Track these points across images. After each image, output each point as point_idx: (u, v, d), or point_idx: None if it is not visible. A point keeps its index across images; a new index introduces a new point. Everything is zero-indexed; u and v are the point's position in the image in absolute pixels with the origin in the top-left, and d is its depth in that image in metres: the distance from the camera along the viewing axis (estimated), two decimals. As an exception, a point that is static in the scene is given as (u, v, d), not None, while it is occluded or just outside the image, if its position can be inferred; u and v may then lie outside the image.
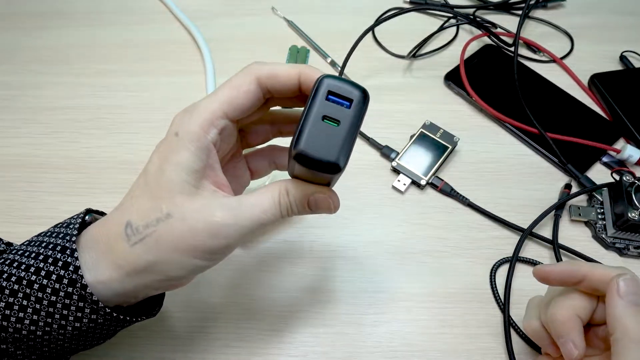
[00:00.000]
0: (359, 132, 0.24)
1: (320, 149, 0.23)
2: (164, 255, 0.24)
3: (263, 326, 0.37)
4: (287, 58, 0.53)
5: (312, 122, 0.23)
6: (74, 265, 0.24)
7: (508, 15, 0.57)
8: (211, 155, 0.25)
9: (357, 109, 0.23)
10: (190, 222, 0.24)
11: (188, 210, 0.24)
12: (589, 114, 0.48)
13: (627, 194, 0.39)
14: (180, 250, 0.24)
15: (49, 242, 0.25)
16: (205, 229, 0.24)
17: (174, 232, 0.24)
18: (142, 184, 0.25)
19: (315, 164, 0.23)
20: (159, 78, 0.52)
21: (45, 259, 0.24)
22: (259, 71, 0.25)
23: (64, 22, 0.57)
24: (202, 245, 0.24)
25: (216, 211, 0.24)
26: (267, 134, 0.30)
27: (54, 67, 0.53)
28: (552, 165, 0.45)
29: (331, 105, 0.23)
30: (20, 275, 0.24)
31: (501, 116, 0.47)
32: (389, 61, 0.53)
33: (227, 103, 0.25)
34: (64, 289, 0.24)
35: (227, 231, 0.24)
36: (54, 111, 0.49)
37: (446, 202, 0.43)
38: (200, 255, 0.24)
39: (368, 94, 0.24)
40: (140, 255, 0.24)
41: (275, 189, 0.25)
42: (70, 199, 0.43)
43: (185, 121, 0.25)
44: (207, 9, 0.58)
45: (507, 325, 0.37)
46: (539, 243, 0.41)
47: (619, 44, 0.53)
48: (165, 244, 0.24)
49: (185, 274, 0.25)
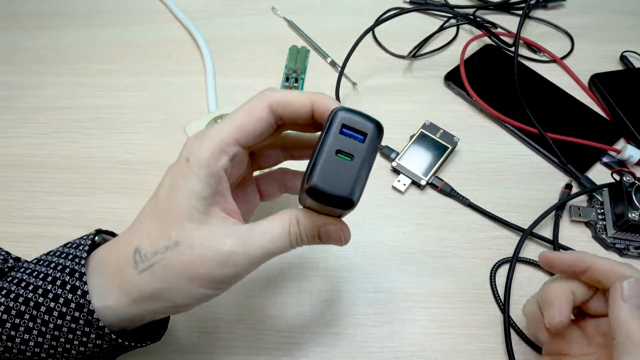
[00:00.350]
0: (372, 165, 0.24)
1: (334, 184, 0.23)
2: (172, 284, 0.24)
3: (263, 326, 0.37)
4: (287, 58, 0.53)
5: (326, 157, 0.23)
6: (82, 289, 0.24)
7: (508, 15, 0.57)
8: (221, 182, 0.25)
9: (371, 143, 0.23)
10: (199, 250, 0.23)
11: (197, 238, 0.24)
12: (589, 114, 0.48)
13: (627, 195, 0.39)
14: (188, 278, 0.24)
15: (57, 263, 0.25)
16: (214, 258, 0.23)
17: (183, 260, 0.24)
18: (152, 208, 0.25)
19: (328, 199, 0.23)
20: (159, 78, 0.52)
21: (54, 281, 0.24)
22: (271, 98, 0.25)
23: (64, 22, 0.57)
24: (211, 274, 0.24)
25: (225, 239, 0.24)
26: (278, 157, 0.30)
27: (54, 67, 0.53)
28: (552, 165, 0.45)
29: (345, 139, 0.23)
30: (28, 296, 0.24)
31: (501, 116, 0.47)
32: (389, 61, 0.53)
33: (239, 129, 0.24)
34: (71, 313, 0.24)
35: (236, 260, 0.24)
36: (54, 111, 0.49)
37: (446, 202, 0.43)
38: (207, 284, 0.24)
39: (382, 128, 0.24)
40: (147, 283, 0.24)
41: (286, 218, 0.25)
42: (70, 199, 0.43)
43: (196, 147, 0.24)
44: (207, 9, 0.58)
45: (507, 325, 0.37)
46: (539, 243, 0.41)
47: (620, 44, 0.53)
48: (173, 272, 0.24)
49: (192, 302, 0.25)
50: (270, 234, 0.24)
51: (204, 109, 0.49)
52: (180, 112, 0.49)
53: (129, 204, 0.43)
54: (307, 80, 0.51)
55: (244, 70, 0.52)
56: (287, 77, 0.51)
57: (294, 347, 0.36)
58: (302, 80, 0.51)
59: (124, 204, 0.43)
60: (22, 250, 0.41)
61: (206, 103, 0.49)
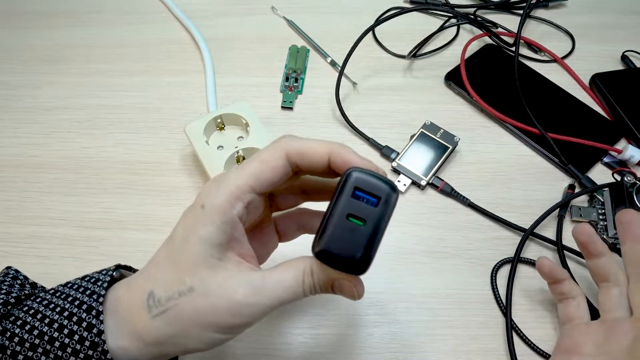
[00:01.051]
0: (385, 230, 0.23)
1: (343, 249, 0.22)
2: (184, 330, 0.24)
3: (262, 326, 0.37)
4: (287, 58, 0.53)
5: (337, 221, 0.22)
6: (98, 328, 0.24)
7: (509, 14, 0.57)
8: (237, 229, 0.25)
9: (384, 208, 0.22)
10: (212, 298, 0.24)
11: (211, 285, 0.24)
12: (590, 114, 0.48)
13: (628, 195, 0.39)
14: (200, 325, 0.24)
15: (75, 298, 0.25)
16: (227, 307, 0.24)
17: (196, 307, 0.24)
18: (167, 252, 0.25)
19: (338, 264, 0.23)
20: (159, 78, 0.52)
21: (70, 317, 0.24)
22: (288, 147, 0.25)
23: (64, 22, 0.57)
24: (223, 322, 0.24)
25: (239, 288, 0.24)
26: (297, 199, 0.30)
27: (53, 67, 0.53)
28: (553, 165, 0.45)
29: (357, 202, 0.22)
30: (43, 330, 0.24)
31: (502, 116, 0.46)
32: (389, 61, 0.53)
33: (255, 177, 0.24)
34: (84, 351, 0.23)
35: (249, 310, 0.24)
36: (53, 111, 0.49)
37: (446, 202, 0.43)
38: (219, 331, 0.24)
39: (397, 191, 0.23)
40: (160, 329, 0.24)
41: (300, 267, 0.25)
42: (69, 199, 0.43)
43: (212, 194, 0.24)
44: (207, 9, 0.58)
45: (509, 327, 0.36)
46: (540, 244, 0.41)
47: (621, 43, 0.53)
48: (186, 318, 0.24)
49: (204, 347, 0.25)
50: (284, 284, 0.24)
51: (204, 109, 0.49)
52: (180, 112, 0.49)
53: (128, 204, 0.43)
54: (307, 80, 0.51)
55: (243, 69, 0.52)
56: (287, 77, 0.51)
57: (294, 347, 0.36)
58: (302, 80, 0.51)
59: (123, 204, 0.43)
60: (22, 250, 0.41)
61: (206, 103, 0.49)
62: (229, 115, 0.43)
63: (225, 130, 0.44)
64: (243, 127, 0.44)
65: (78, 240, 0.41)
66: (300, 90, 0.50)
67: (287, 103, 0.49)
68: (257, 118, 0.43)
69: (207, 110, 0.49)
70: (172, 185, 0.44)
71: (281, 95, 0.50)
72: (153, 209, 0.43)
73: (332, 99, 0.48)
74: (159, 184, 0.44)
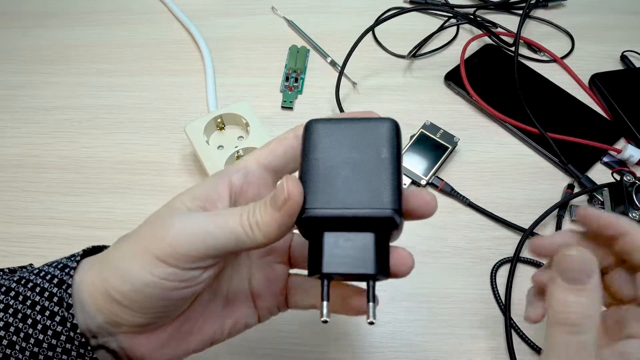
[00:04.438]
0: None
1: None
2: (123, 259, 0.22)
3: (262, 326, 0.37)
4: (287, 58, 0.53)
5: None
6: (67, 302, 0.22)
7: (508, 14, 0.57)
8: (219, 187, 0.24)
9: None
10: (154, 224, 0.23)
11: (160, 217, 0.23)
12: (590, 114, 0.48)
13: (627, 194, 0.39)
14: (138, 254, 0.22)
15: (47, 272, 0.24)
16: (163, 231, 0.22)
17: (140, 233, 0.23)
18: None
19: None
20: (159, 78, 0.52)
21: (42, 292, 0.23)
22: (297, 127, 0.25)
23: (63, 21, 0.57)
24: (156, 249, 0.22)
25: (181, 216, 0.22)
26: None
27: (53, 67, 0.53)
28: (553, 165, 0.45)
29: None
30: (18, 307, 0.23)
31: (501, 116, 0.47)
32: (389, 61, 0.53)
33: (262, 149, 0.25)
34: (54, 327, 0.22)
35: (186, 236, 0.22)
36: (53, 111, 0.49)
37: (446, 202, 0.43)
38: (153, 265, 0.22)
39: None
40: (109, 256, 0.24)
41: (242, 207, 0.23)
42: (69, 198, 0.43)
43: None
44: (207, 9, 0.58)
45: (509, 326, 0.36)
46: (539, 243, 0.41)
47: (620, 43, 0.53)
48: (129, 245, 0.23)
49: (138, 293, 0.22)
50: (223, 215, 0.22)
51: (204, 109, 0.49)
52: (180, 112, 0.49)
53: (128, 203, 0.43)
54: (307, 80, 0.51)
55: (243, 69, 0.52)
56: (287, 77, 0.51)
57: (293, 347, 0.36)
58: (302, 80, 0.51)
59: (123, 204, 0.43)
60: (22, 250, 0.41)
61: (206, 103, 0.49)
62: (229, 115, 0.43)
63: (226, 130, 0.44)
64: (243, 127, 0.44)
65: (78, 240, 0.41)
66: (300, 90, 0.50)
67: (287, 103, 0.49)
68: (257, 118, 0.43)
69: (207, 110, 0.49)
70: (172, 185, 0.44)
71: (281, 95, 0.50)
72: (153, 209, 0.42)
73: (332, 99, 0.48)
74: (159, 184, 0.44)
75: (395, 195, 0.20)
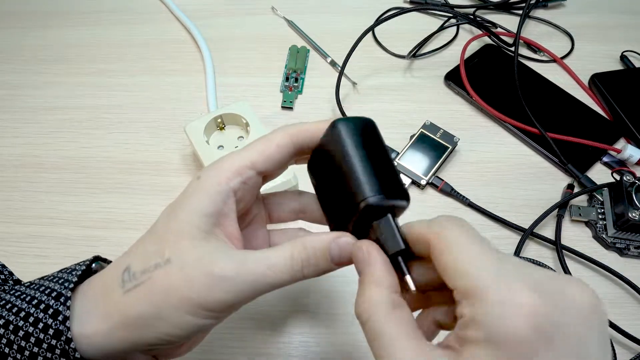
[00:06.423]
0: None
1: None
2: (156, 306, 0.21)
3: (262, 326, 0.37)
4: (287, 58, 0.53)
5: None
6: (64, 314, 0.21)
7: (508, 15, 0.57)
8: (228, 203, 0.23)
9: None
10: (187, 270, 0.21)
11: (189, 257, 0.22)
12: (590, 114, 0.48)
13: (627, 194, 0.39)
14: (173, 302, 0.21)
15: (47, 287, 0.23)
16: (203, 281, 0.21)
17: (170, 280, 0.21)
18: (153, 226, 0.24)
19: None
20: (159, 78, 0.52)
21: (38, 305, 0.22)
22: (290, 127, 0.25)
23: (63, 21, 0.57)
24: (197, 298, 0.21)
25: (218, 261, 0.21)
26: (292, 215, 0.29)
27: (53, 67, 0.53)
28: (553, 165, 0.45)
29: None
30: (9, 319, 0.22)
31: (501, 116, 0.47)
32: (389, 61, 0.53)
33: (259, 153, 0.24)
34: (48, 341, 0.21)
35: (227, 286, 0.21)
36: (53, 111, 0.49)
37: (446, 202, 0.43)
38: (194, 311, 0.21)
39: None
40: (132, 305, 0.22)
41: (289, 245, 0.23)
42: (69, 198, 0.43)
43: (210, 167, 0.24)
44: (207, 9, 0.58)
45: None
46: (539, 243, 0.41)
47: (620, 43, 0.53)
48: (159, 293, 0.21)
49: (178, 334, 0.22)
50: (269, 260, 0.22)
51: (204, 109, 0.49)
52: (180, 112, 0.49)
53: (128, 203, 0.43)
54: (307, 80, 0.51)
55: (244, 69, 0.52)
56: (287, 77, 0.51)
57: (293, 347, 0.36)
58: (302, 80, 0.51)
59: (123, 204, 0.43)
60: (22, 250, 0.41)
61: (206, 103, 0.49)
62: (229, 115, 0.43)
63: (226, 130, 0.44)
64: (243, 127, 0.44)
65: (78, 240, 0.41)
66: (300, 90, 0.51)
67: (287, 103, 0.49)
68: (257, 118, 0.43)
69: (207, 110, 0.49)
70: (172, 185, 0.44)
71: (281, 95, 0.50)
72: (153, 209, 0.43)
73: (332, 98, 0.48)
74: (159, 183, 0.44)
75: (400, 182, 0.24)
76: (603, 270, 0.39)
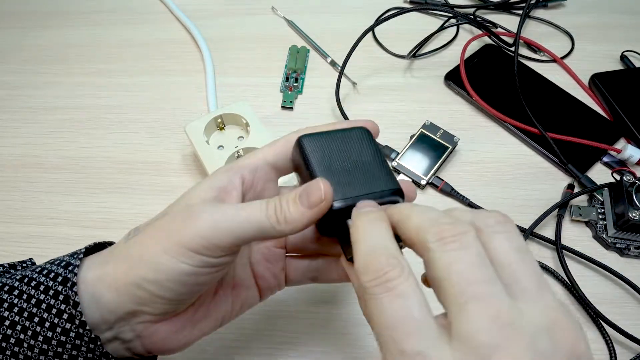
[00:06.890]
0: None
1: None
2: (152, 251, 0.23)
3: (263, 326, 0.37)
4: (287, 58, 0.53)
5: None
6: (74, 300, 0.23)
7: (508, 15, 0.57)
8: (234, 181, 0.26)
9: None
10: (180, 216, 0.24)
11: (179, 207, 0.24)
12: (590, 114, 0.48)
13: (627, 194, 0.39)
14: (167, 245, 0.23)
15: (50, 270, 0.24)
16: (192, 224, 0.23)
17: (165, 226, 0.24)
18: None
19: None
20: (159, 78, 0.52)
21: (46, 290, 0.23)
22: (305, 129, 0.27)
23: (63, 22, 0.57)
24: (188, 241, 0.23)
25: (207, 208, 0.24)
26: (309, 247, 0.30)
27: (53, 67, 0.53)
28: (553, 165, 0.45)
29: None
30: (23, 306, 0.23)
31: (501, 116, 0.47)
32: (389, 61, 0.53)
33: (269, 147, 0.27)
34: (62, 324, 0.23)
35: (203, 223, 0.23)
36: (53, 111, 0.49)
37: (446, 202, 0.43)
38: (186, 255, 0.23)
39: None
40: (130, 249, 0.24)
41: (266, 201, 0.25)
42: (69, 198, 0.43)
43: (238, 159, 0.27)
44: (207, 9, 0.58)
45: (508, 325, 0.36)
46: (539, 243, 0.41)
47: (620, 43, 0.53)
48: (155, 238, 0.24)
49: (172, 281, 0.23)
50: (245, 205, 0.24)
51: (204, 109, 0.49)
52: (180, 112, 0.49)
53: (128, 203, 0.43)
54: (307, 80, 0.51)
55: (244, 69, 0.52)
56: (287, 77, 0.51)
57: (293, 347, 0.36)
58: (302, 80, 0.51)
59: (123, 204, 0.43)
60: (22, 250, 0.41)
61: (206, 103, 0.49)
62: (229, 115, 0.43)
63: (226, 130, 0.44)
64: (243, 127, 0.44)
65: (78, 240, 0.41)
66: (300, 90, 0.51)
67: (287, 103, 0.49)
68: (257, 118, 0.43)
69: (207, 110, 0.49)
70: (172, 185, 0.44)
71: (281, 95, 0.50)
72: (153, 209, 0.42)
73: (332, 98, 0.48)
74: (159, 184, 0.44)
75: (392, 176, 0.25)
76: (603, 270, 0.39)
